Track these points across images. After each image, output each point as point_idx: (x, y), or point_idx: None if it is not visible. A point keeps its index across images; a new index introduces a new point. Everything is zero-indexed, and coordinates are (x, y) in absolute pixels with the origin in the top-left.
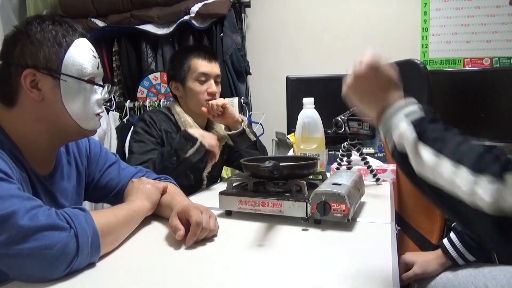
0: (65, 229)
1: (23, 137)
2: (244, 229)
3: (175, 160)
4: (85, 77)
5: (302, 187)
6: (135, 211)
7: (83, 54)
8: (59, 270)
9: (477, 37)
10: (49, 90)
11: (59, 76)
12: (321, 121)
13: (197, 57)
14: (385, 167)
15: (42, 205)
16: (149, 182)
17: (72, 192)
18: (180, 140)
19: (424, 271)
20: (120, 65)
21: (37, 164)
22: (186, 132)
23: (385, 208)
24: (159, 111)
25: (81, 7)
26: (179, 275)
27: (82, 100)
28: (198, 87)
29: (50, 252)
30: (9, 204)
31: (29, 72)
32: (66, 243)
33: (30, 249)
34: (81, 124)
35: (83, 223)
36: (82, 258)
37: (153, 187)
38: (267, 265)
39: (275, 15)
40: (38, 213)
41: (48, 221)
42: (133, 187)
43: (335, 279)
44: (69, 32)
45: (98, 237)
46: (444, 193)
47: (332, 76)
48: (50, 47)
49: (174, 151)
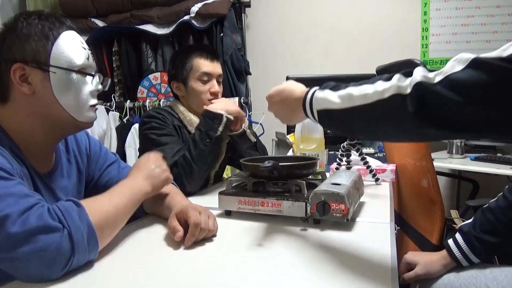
0: (57, 230)
1: (20, 133)
2: (243, 229)
3: (208, 141)
4: (75, 68)
5: (302, 187)
6: (133, 192)
7: (72, 45)
8: (57, 270)
9: (477, 37)
10: (40, 83)
11: (48, 69)
12: None
13: (199, 57)
14: (385, 167)
15: (37, 202)
16: (156, 164)
17: (73, 190)
18: (206, 121)
19: (427, 272)
20: (120, 65)
21: (36, 161)
22: (209, 112)
23: (384, 208)
24: (162, 109)
25: (81, 7)
26: (178, 275)
27: (74, 91)
28: (201, 87)
29: (45, 254)
30: (3, 206)
31: (18, 66)
32: (59, 244)
33: (25, 253)
34: (76, 116)
35: (77, 220)
36: (80, 256)
37: (159, 170)
38: (267, 265)
39: (275, 15)
40: (29, 215)
41: (39, 223)
42: (136, 164)
43: (334, 279)
44: (55, 25)
45: (94, 233)
46: (368, 107)
47: (332, 76)
48: (37, 41)
49: (204, 133)
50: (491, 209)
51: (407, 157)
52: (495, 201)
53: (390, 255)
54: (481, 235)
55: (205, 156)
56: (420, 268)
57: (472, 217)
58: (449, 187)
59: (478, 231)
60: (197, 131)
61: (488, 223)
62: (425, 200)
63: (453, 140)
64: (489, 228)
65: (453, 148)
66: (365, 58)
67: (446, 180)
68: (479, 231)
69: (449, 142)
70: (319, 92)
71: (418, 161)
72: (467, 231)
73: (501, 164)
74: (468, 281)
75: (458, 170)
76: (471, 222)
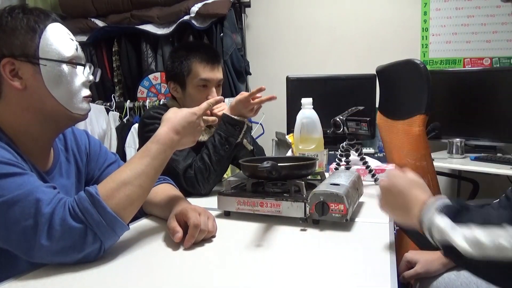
0: (80, 229)
1: (15, 129)
2: (242, 229)
3: (227, 147)
4: (65, 59)
5: (301, 187)
6: (157, 146)
7: (59, 37)
8: (92, 256)
9: (477, 37)
10: (31, 77)
11: (38, 61)
12: (322, 121)
13: (199, 61)
14: (384, 167)
15: (59, 199)
16: (186, 119)
17: (72, 189)
18: (227, 127)
19: (426, 271)
20: (120, 65)
21: (34, 159)
22: (229, 118)
23: None
24: (161, 108)
25: (81, 7)
26: (177, 276)
27: (65, 83)
28: (199, 94)
29: (75, 250)
30: (32, 202)
31: (7, 61)
32: (87, 241)
33: (58, 252)
34: (69, 108)
35: (95, 214)
36: (109, 240)
37: (188, 125)
38: (266, 265)
39: (275, 15)
40: (54, 220)
41: (64, 227)
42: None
43: (333, 279)
44: (41, 18)
45: (115, 218)
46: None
47: (332, 76)
48: (24, 34)
49: (224, 140)
50: (493, 209)
51: (407, 157)
52: (498, 202)
53: (389, 255)
54: None
55: (224, 161)
56: (420, 266)
57: None
58: (449, 187)
59: None
60: (217, 136)
61: None
62: None
63: (453, 140)
64: None
65: (453, 148)
66: (365, 58)
67: (446, 180)
68: None
69: (449, 142)
70: (439, 219)
71: (418, 161)
72: None
73: (501, 164)
74: (468, 280)
75: (458, 170)
76: None
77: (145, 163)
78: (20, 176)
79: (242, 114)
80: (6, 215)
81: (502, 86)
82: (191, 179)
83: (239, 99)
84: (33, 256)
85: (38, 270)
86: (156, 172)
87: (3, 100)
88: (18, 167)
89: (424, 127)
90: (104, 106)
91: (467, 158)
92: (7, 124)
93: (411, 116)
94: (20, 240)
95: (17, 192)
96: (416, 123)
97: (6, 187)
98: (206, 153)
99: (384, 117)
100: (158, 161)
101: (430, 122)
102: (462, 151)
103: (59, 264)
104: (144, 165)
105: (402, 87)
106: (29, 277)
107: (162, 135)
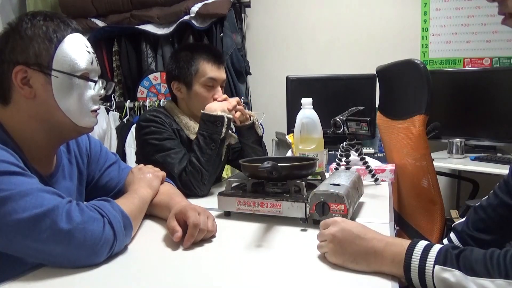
0: (100, 219)
1: (21, 135)
2: (243, 230)
3: (214, 145)
4: (78, 72)
5: (301, 187)
6: (143, 198)
7: (76, 49)
8: (103, 255)
9: (477, 37)
10: (41, 87)
11: (50, 72)
12: (322, 121)
13: (206, 61)
14: (384, 167)
15: (69, 199)
16: (149, 172)
17: (75, 191)
18: (208, 125)
19: None
20: (120, 65)
21: (37, 163)
22: (208, 115)
23: (383, 208)
24: (159, 111)
25: (81, 7)
26: (177, 276)
27: (75, 96)
28: (205, 92)
29: (94, 242)
30: (42, 201)
31: (20, 69)
32: (104, 231)
33: (77, 245)
34: (76, 121)
35: (112, 211)
36: (120, 241)
37: (153, 176)
38: (266, 266)
39: (275, 15)
40: (71, 210)
41: (84, 216)
42: (133, 177)
43: (334, 279)
44: (60, 27)
45: (128, 218)
46: None
47: (332, 76)
48: (40, 43)
49: (209, 138)
50: (483, 207)
51: (407, 157)
52: (486, 199)
53: None
54: (474, 233)
55: (213, 160)
56: None
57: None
58: (449, 187)
59: (471, 229)
60: (200, 137)
61: (481, 221)
62: (425, 200)
63: (453, 140)
64: (481, 226)
65: (453, 148)
66: (365, 58)
67: (446, 180)
68: (472, 229)
69: (449, 142)
70: (448, 273)
71: (418, 161)
72: (460, 230)
73: (501, 164)
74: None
75: (458, 170)
76: (464, 221)
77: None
78: (28, 177)
79: None
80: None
81: (502, 86)
82: (186, 183)
83: None
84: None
85: (38, 270)
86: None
87: (13, 105)
88: (23, 168)
89: (424, 127)
90: (104, 106)
91: (467, 158)
92: (13, 128)
93: (411, 116)
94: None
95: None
96: (416, 123)
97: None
98: (194, 156)
99: (384, 117)
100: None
101: (430, 122)
102: (462, 151)
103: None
104: (137, 200)
105: (402, 87)
106: (29, 278)
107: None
